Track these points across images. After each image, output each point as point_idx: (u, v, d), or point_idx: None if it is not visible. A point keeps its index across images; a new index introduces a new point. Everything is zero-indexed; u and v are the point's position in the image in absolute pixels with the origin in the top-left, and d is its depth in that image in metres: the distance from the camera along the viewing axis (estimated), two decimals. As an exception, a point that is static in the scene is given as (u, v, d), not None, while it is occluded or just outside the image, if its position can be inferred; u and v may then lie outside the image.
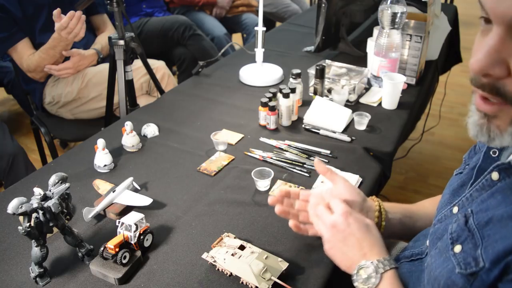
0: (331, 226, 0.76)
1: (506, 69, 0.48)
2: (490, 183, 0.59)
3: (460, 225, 0.60)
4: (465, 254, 0.56)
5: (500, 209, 0.55)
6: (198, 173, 1.14)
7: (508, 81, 0.48)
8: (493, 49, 0.47)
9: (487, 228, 0.55)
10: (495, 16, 0.47)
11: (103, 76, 1.87)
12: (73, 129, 2.00)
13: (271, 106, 1.28)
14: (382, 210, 0.86)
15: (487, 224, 0.55)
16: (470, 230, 0.57)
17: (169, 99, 1.56)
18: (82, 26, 1.68)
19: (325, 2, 1.62)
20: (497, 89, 0.49)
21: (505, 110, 0.50)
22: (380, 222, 0.85)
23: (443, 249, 0.62)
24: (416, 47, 1.53)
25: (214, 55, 2.13)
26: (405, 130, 1.41)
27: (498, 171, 0.57)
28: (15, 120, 3.15)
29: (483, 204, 0.59)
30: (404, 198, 2.30)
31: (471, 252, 0.56)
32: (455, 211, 0.66)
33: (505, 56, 0.47)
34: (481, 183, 0.61)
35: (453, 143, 2.72)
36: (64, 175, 0.86)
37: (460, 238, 0.58)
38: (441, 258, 0.61)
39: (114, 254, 0.82)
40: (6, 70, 2.56)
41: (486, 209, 0.57)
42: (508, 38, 0.47)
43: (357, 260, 0.73)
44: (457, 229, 0.60)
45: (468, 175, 0.69)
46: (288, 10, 3.31)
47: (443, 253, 0.61)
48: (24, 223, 0.77)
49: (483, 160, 0.65)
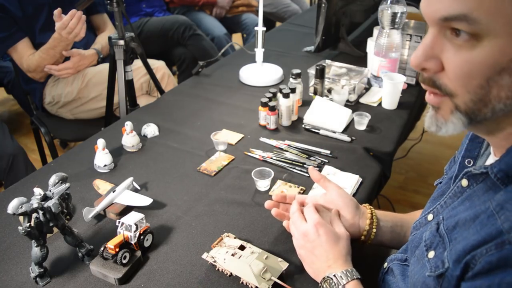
0: (302, 235, 0.81)
1: (439, 64, 0.54)
2: (460, 189, 0.62)
3: (432, 232, 0.63)
4: (436, 259, 0.59)
5: (465, 213, 0.58)
6: (198, 173, 1.14)
7: (442, 75, 0.54)
8: (428, 46, 0.54)
9: (454, 232, 0.58)
10: (427, 18, 0.54)
11: (103, 76, 1.87)
12: (73, 129, 2.00)
13: (271, 106, 1.28)
14: (374, 217, 0.88)
15: (454, 228, 0.59)
16: (440, 235, 0.61)
17: (169, 99, 1.56)
18: (83, 26, 1.68)
19: (325, 2, 1.62)
20: (433, 82, 0.55)
21: (445, 101, 0.56)
22: (371, 230, 0.87)
23: (420, 256, 0.64)
24: (416, 47, 1.53)
25: (214, 55, 2.13)
26: (405, 130, 1.41)
27: (467, 178, 0.61)
28: (15, 120, 3.15)
29: (453, 210, 0.62)
30: (404, 198, 2.30)
31: (440, 256, 0.58)
32: (430, 218, 0.69)
33: (438, 52, 0.53)
34: (453, 190, 0.64)
35: (453, 143, 2.71)
36: (64, 175, 0.86)
37: (433, 244, 0.62)
38: (419, 265, 0.64)
39: (114, 254, 0.82)
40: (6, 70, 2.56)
41: (455, 214, 0.60)
42: (440, 36, 0.53)
43: (323, 271, 0.77)
44: (430, 236, 0.63)
45: (447, 184, 0.71)
46: (288, 10, 3.31)
47: (420, 260, 0.64)
48: (24, 223, 0.77)
49: (459, 169, 0.67)
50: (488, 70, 0.50)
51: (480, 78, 0.51)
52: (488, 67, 0.50)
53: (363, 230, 0.87)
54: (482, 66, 0.50)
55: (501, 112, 0.52)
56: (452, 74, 0.53)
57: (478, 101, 0.52)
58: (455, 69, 0.52)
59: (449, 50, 0.52)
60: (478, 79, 0.51)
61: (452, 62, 0.52)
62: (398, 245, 0.91)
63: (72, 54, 1.85)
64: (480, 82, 0.51)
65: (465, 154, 0.67)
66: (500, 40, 0.48)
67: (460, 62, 0.51)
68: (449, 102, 0.55)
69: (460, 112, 0.54)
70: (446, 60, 0.53)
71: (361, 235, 0.87)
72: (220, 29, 2.88)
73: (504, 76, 0.50)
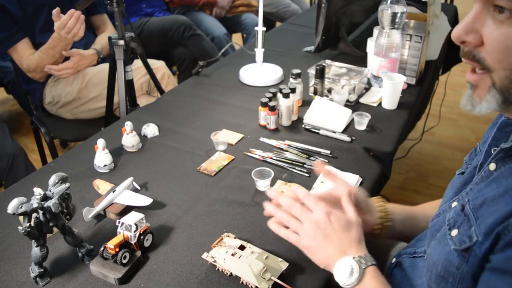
0: (313, 224, 0.77)
1: (479, 38, 0.56)
2: (487, 174, 0.62)
3: (456, 211, 0.62)
4: (460, 235, 0.59)
5: (493, 192, 0.58)
6: (198, 173, 1.14)
7: (481, 49, 0.56)
8: (469, 21, 0.56)
9: (481, 210, 0.58)
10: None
11: (103, 76, 1.87)
12: (73, 129, 2.00)
13: (271, 106, 1.28)
14: (388, 210, 0.87)
15: (481, 206, 0.58)
16: (466, 214, 0.60)
17: (169, 99, 1.56)
18: (81, 26, 1.68)
19: (325, 2, 1.62)
20: (473, 56, 0.57)
21: (484, 79, 0.57)
22: (383, 223, 0.86)
23: (442, 238, 0.64)
24: (416, 47, 1.53)
25: (214, 55, 2.13)
26: (405, 130, 1.41)
27: (495, 161, 0.61)
28: (15, 120, 3.15)
29: (479, 192, 0.61)
30: (404, 198, 2.30)
31: (466, 232, 0.58)
32: (454, 206, 0.68)
33: (478, 26, 0.55)
34: (480, 176, 0.64)
35: (453, 143, 2.71)
36: (64, 175, 0.86)
37: (457, 223, 0.61)
38: (440, 246, 0.63)
39: (114, 254, 0.82)
40: (6, 70, 2.56)
41: (481, 195, 0.60)
42: (483, 12, 0.55)
43: (337, 257, 0.74)
44: (454, 215, 0.62)
45: (471, 173, 0.70)
46: (288, 10, 3.31)
47: (442, 241, 0.63)
48: (24, 223, 0.77)
49: (485, 157, 0.67)
50: None
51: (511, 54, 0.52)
52: None
53: (375, 224, 0.86)
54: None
55: None
56: (490, 48, 0.54)
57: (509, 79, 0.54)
58: (493, 43, 0.54)
59: (490, 25, 0.54)
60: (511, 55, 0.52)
61: (491, 37, 0.54)
62: (409, 238, 0.90)
63: (72, 54, 1.85)
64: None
65: (492, 142, 0.67)
66: None
67: (499, 37, 0.53)
68: (488, 79, 0.56)
69: (495, 89, 0.56)
70: (486, 34, 0.55)
71: (373, 229, 0.86)
72: (220, 29, 2.88)
73: None
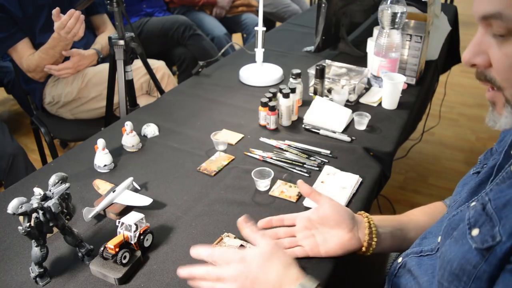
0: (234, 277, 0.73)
1: (487, 60, 0.57)
2: (509, 175, 0.61)
3: (477, 211, 0.60)
4: (482, 235, 0.57)
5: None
6: (198, 173, 1.14)
7: (491, 69, 0.58)
8: (475, 44, 0.58)
9: (504, 210, 0.56)
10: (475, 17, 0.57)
11: (103, 76, 1.87)
12: (73, 129, 2.00)
13: (271, 106, 1.28)
14: (372, 226, 0.85)
15: (504, 207, 0.56)
16: (488, 214, 0.58)
17: (169, 99, 1.56)
18: (81, 26, 1.68)
19: (325, 2, 1.62)
20: (485, 76, 0.59)
21: (498, 96, 0.59)
22: (371, 240, 0.84)
23: (460, 236, 0.62)
24: (416, 47, 1.53)
25: (214, 55, 2.13)
26: (405, 130, 1.41)
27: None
28: (15, 120, 3.15)
29: (501, 192, 0.59)
30: (404, 198, 2.30)
31: (488, 232, 0.56)
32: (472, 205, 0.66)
33: (485, 48, 0.57)
34: (501, 177, 0.62)
35: (453, 143, 2.71)
36: (64, 175, 0.86)
37: (478, 222, 0.59)
38: (458, 245, 0.62)
39: (114, 254, 0.82)
40: (6, 70, 2.57)
41: (504, 195, 0.58)
42: (486, 34, 0.57)
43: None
44: (475, 214, 0.60)
45: (487, 173, 0.69)
46: (288, 10, 3.32)
47: (460, 240, 0.61)
48: (24, 223, 0.77)
49: (503, 158, 0.66)
50: None
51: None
52: None
53: (363, 241, 0.84)
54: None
55: None
56: (497, 68, 0.56)
57: None
58: (498, 63, 0.56)
59: (494, 46, 0.56)
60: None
61: (496, 57, 0.56)
62: (398, 249, 0.89)
63: (71, 54, 1.86)
64: None
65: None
66: None
67: (503, 57, 0.55)
68: (501, 96, 0.58)
69: (510, 106, 0.57)
70: (492, 55, 0.57)
71: (362, 246, 0.84)
72: (220, 29, 2.89)
73: None
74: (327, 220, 0.84)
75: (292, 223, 0.89)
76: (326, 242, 0.84)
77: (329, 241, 0.84)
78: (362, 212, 0.90)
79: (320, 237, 0.85)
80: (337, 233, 0.84)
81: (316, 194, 0.86)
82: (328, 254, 0.84)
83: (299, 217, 0.88)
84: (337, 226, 0.84)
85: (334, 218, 0.83)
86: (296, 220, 0.89)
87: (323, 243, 0.85)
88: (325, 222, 0.84)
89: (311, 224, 0.87)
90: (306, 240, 0.86)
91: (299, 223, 0.88)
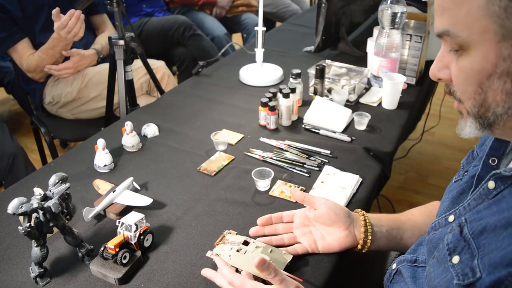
0: None
1: (449, 74, 0.60)
2: (486, 191, 0.60)
3: (455, 235, 0.61)
4: (463, 265, 0.57)
5: (493, 218, 0.56)
6: (198, 173, 1.14)
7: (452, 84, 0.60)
8: (440, 58, 0.60)
9: (482, 237, 0.56)
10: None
11: (103, 76, 1.87)
12: (73, 129, 2.00)
13: (271, 106, 1.28)
14: (368, 224, 0.86)
15: (481, 233, 0.57)
16: (465, 240, 0.59)
17: (169, 99, 1.56)
18: (81, 26, 1.68)
19: (325, 2, 1.62)
20: (449, 89, 0.61)
21: (461, 107, 0.61)
22: (366, 238, 0.86)
23: (441, 259, 0.62)
24: (416, 47, 1.53)
25: (214, 55, 2.13)
26: (405, 130, 1.41)
27: (494, 180, 0.59)
28: (15, 120, 3.15)
29: (478, 214, 0.60)
30: (404, 198, 2.30)
31: (468, 263, 0.56)
32: (450, 220, 0.67)
33: (447, 63, 0.59)
34: (478, 192, 0.62)
35: (453, 143, 2.71)
36: (64, 175, 0.86)
37: (457, 248, 0.60)
38: (440, 268, 0.62)
39: (114, 254, 0.82)
40: (6, 70, 2.56)
41: (480, 218, 0.58)
42: (446, 49, 0.59)
43: None
44: (453, 239, 0.61)
45: (468, 183, 0.69)
46: (288, 10, 3.31)
47: (442, 263, 0.62)
48: (24, 223, 0.77)
49: (482, 168, 0.66)
50: (478, 76, 0.54)
51: (474, 84, 0.55)
52: (477, 73, 0.54)
53: (359, 239, 0.86)
54: (473, 73, 0.55)
55: (504, 116, 0.55)
56: (454, 82, 0.59)
57: (479, 106, 0.56)
58: (454, 77, 0.58)
59: (452, 61, 0.58)
60: (473, 85, 0.56)
61: (453, 72, 0.58)
62: (395, 248, 0.90)
63: (71, 54, 1.85)
64: (475, 88, 0.55)
65: (490, 152, 0.66)
66: (481, 47, 0.53)
67: (457, 71, 0.57)
68: (464, 108, 0.60)
69: (470, 117, 0.59)
70: (451, 70, 0.59)
71: (357, 244, 0.86)
72: (220, 29, 2.88)
73: (493, 81, 0.54)
74: (324, 219, 0.87)
75: (291, 220, 0.92)
76: (324, 238, 0.87)
77: (327, 237, 0.87)
78: (359, 210, 0.91)
79: (317, 233, 0.88)
80: (334, 231, 0.87)
81: (310, 198, 0.89)
82: (325, 250, 0.86)
83: (297, 214, 0.91)
84: (334, 224, 0.86)
85: (331, 217, 0.86)
86: (294, 217, 0.91)
87: (321, 239, 0.87)
88: (322, 221, 0.88)
89: (309, 221, 0.89)
90: (304, 237, 0.88)
91: (296, 220, 0.91)
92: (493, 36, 0.51)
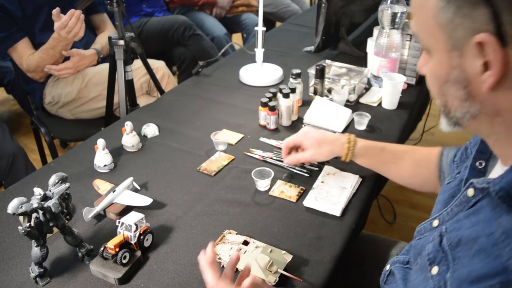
0: None
1: None
2: (466, 199, 0.60)
3: (435, 246, 0.61)
4: (439, 277, 0.58)
5: (469, 230, 0.56)
6: (198, 173, 1.14)
7: None
8: (423, 56, 0.61)
9: (457, 249, 0.56)
10: None
11: (103, 76, 1.87)
12: (73, 129, 2.00)
13: (271, 106, 1.28)
14: (352, 139, 1.03)
15: (457, 245, 0.57)
16: (444, 251, 0.59)
17: (169, 99, 1.56)
18: (82, 25, 1.68)
19: (325, 2, 1.62)
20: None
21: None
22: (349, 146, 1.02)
23: (423, 267, 0.63)
24: (416, 47, 1.53)
25: (214, 55, 2.13)
26: (405, 130, 1.41)
27: (473, 187, 0.59)
28: (15, 120, 3.15)
29: (457, 223, 0.60)
30: (404, 198, 2.30)
31: (444, 275, 0.57)
32: (435, 225, 0.67)
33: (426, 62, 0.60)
34: (459, 199, 0.62)
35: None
36: (64, 175, 0.86)
37: (436, 259, 0.60)
38: (421, 276, 0.63)
39: (114, 254, 0.82)
40: (6, 70, 2.56)
41: (458, 228, 0.58)
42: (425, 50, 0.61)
43: None
44: (433, 249, 0.61)
45: (458, 186, 0.69)
46: (288, 10, 3.31)
47: (423, 272, 0.62)
48: (24, 223, 0.77)
49: (469, 172, 0.66)
50: (437, 80, 0.57)
51: (435, 86, 0.58)
52: (436, 77, 0.57)
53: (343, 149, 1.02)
54: (433, 76, 0.58)
55: (464, 119, 0.56)
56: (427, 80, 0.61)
57: (443, 106, 0.59)
58: (426, 76, 0.60)
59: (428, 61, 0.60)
60: (435, 87, 0.58)
61: (426, 71, 0.60)
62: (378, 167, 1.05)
63: (72, 54, 1.85)
64: (437, 90, 0.58)
65: (477, 155, 0.66)
66: (437, 54, 0.55)
67: (428, 71, 0.59)
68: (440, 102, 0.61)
69: (443, 113, 0.61)
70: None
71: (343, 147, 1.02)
72: (220, 29, 2.88)
73: (449, 87, 0.55)
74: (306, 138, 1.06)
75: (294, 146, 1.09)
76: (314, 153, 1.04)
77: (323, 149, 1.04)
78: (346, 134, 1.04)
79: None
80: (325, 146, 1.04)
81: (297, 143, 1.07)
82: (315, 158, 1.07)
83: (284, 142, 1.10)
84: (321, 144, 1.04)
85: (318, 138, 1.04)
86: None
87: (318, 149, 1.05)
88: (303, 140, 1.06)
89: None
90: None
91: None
92: (444, 46, 0.53)
